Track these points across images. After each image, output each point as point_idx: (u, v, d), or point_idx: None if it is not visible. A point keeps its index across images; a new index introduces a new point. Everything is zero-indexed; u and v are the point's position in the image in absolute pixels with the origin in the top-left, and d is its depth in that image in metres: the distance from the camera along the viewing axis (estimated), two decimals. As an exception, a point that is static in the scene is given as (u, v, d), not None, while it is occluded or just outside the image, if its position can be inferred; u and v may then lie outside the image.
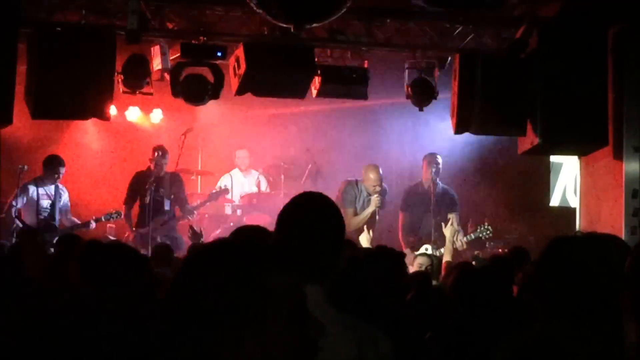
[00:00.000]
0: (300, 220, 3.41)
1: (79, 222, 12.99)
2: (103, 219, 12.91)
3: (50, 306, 3.99)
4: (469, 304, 5.03)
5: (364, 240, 11.21)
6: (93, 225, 12.79)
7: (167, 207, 13.09)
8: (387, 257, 5.95)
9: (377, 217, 12.83)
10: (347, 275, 4.65)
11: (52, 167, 12.93)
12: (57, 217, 12.98)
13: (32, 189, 12.82)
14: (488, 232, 12.27)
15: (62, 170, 13.01)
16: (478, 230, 12.21)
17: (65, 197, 13.22)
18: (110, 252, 4.53)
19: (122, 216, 13.04)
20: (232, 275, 2.15)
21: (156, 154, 12.99)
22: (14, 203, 12.66)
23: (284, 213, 3.47)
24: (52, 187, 13.01)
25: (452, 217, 12.47)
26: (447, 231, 11.50)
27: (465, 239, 12.03)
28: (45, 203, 12.88)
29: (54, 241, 12.25)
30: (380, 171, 12.90)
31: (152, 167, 13.00)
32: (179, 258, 8.88)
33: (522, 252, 9.42)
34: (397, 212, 13.32)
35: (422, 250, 11.91)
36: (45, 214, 12.84)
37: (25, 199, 12.77)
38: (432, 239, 12.39)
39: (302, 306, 2.19)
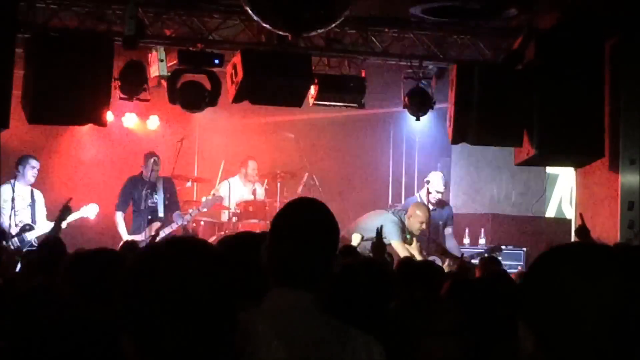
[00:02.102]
0: (292, 225, 3.38)
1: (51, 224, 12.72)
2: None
3: (40, 314, 3.99)
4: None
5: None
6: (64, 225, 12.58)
7: (161, 213, 13.06)
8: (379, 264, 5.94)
9: None
10: (340, 281, 4.64)
11: (27, 162, 12.71)
12: (35, 219, 12.81)
13: (6, 190, 12.63)
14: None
15: (37, 164, 12.77)
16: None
17: (40, 201, 12.98)
18: (97, 260, 4.53)
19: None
20: None
21: (148, 160, 12.96)
22: None
23: (277, 218, 3.45)
24: (28, 188, 12.81)
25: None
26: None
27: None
28: (22, 204, 12.68)
29: (33, 242, 12.28)
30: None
31: (144, 173, 12.96)
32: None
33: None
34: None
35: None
36: (25, 217, 12.67)
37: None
38: (426, 250, 12.31)
39: None
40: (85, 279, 4.37)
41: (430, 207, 12.62)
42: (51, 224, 12.34)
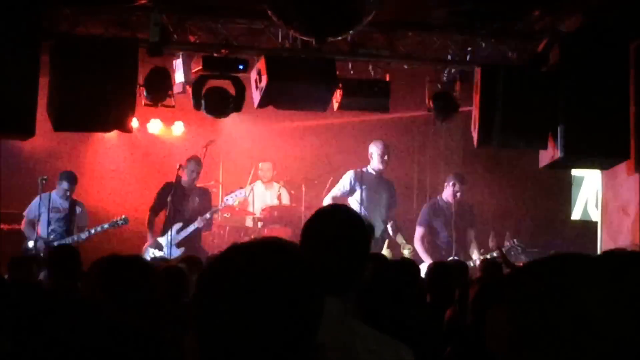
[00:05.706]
0: (324, 231, 3.38)
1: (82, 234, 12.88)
2: (107, 227, 12.86)
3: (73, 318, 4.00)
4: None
5: None
6: (85, 235, 12.72)
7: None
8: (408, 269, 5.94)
9: None
10: (370, 287, 4.64)
11: (60, 181, 12.89)
12: (70, 229, 12.93)
13: (43, 201, 12.77)
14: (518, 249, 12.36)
15: (69, 186, 12.91)
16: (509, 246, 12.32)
17: (81, 213, 13.11)
18: (129, 267, 4.54)
19: (125, 223, 13.03)
20: None
21: (189, 164, 13.06)
22: (24, 214, 12.78)
23: (309, 224, 3.44)
24: (67, 201, 12.95)
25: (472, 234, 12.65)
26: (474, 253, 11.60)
27: (488, 255, 12.04)
28: (57, 215, 12.82)
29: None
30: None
31: (181, 176, 13.02)
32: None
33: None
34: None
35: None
36: (57, 226, 12.80)
37: (37, 210, 12.80)
38: (452, 253, 12.34)
39: None
40: (118, 284, 4.38)
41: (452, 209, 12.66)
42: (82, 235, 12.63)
